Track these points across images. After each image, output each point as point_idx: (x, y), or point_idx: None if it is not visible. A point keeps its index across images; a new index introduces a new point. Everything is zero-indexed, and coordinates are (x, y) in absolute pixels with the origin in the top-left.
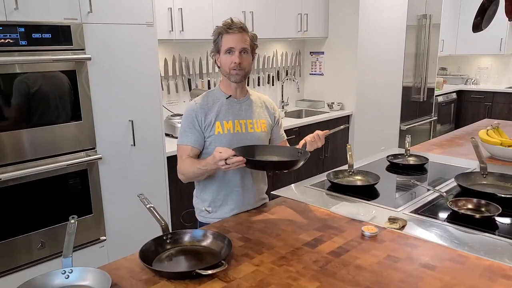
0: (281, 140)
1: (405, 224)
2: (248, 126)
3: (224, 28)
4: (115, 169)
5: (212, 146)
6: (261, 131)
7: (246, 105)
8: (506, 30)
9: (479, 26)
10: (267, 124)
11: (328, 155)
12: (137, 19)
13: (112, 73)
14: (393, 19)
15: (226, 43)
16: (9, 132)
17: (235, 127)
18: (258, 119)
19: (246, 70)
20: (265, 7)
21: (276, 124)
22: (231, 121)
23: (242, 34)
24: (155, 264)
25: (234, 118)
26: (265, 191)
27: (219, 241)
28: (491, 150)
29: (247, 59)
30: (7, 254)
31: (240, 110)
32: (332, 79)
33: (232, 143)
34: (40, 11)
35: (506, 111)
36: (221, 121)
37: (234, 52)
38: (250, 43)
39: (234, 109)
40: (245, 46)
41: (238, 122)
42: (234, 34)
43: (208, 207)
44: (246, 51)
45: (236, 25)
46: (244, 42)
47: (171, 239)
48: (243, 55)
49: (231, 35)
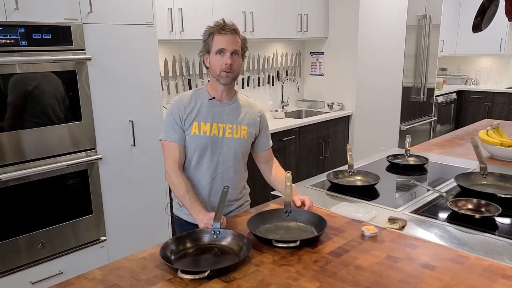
0: (266, 148)
1: (405, 224)
2: (226, 131)
3: (217, 28)
4: (115, 169)
5: (188, 145)
6: (239, 138)
7: (230, 109)
8: (506, 31)
9: (479, 26)
10: (248, 131)
11: (328, 155)
12: (137, 19)
13: (112, 73)
14: (393, 20)
15: (218, 43)
16: (10, 132)
17: (212, 130)
18: (239, 124)
19: (236, 73)
20: (265, 8)
21: (262, 132)
22: (209, 124)
23: (234, 35)
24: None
25: (213, 121)
26: (243, 193)
27: (238, 241)
28: (491, 150)
29: (238, 61)
30: (8, 254)
31: (222, 113)
32: (332, 79)
33: (206, 145)
34: (40, 11)
35: (506, 111)
36: (199, 122)
37: (226, 53)
38: (241, 45)
39: (215, 111)
40: (237, 48)
41: (217, 125)
42: (226, 35)
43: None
44: (237, 53)
45: (228, 26)
46: (236, 44)
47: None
48: (234, 57)
49: (223, 36)
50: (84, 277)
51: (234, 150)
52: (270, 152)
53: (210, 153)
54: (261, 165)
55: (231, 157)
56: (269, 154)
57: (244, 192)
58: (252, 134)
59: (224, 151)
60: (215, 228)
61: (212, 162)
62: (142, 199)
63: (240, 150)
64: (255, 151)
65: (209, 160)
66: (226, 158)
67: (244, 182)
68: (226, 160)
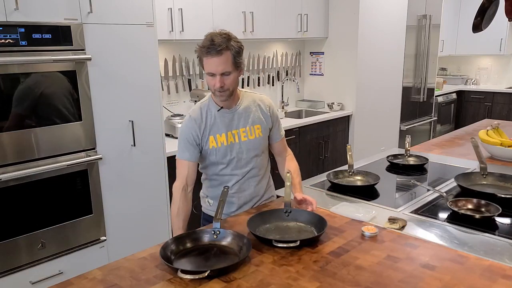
0: (280, 138)
1: (405, 224)
2: (241, 135)
3: (203, 51)
4: (115, 169)
5: (210, 157)
6: (255, 138)
7: (239, 113)
8: (506, 31)
9: (479, 26)
10: (262, 128)
11: (328, 155)
12: (137, 19)
13: (112, 74)
14: (393, 20)
15: (207, 67)
16: (10, 133)
17: (229, 139)
18: (251, 125)
19: (231, 90)
20: (265, 8)
21: (274, 124)
22: (224, 134)
23: (221, 56)
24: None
25: (227, 130)
26: (269, 192)
27: (238, 241)
28: (491, 150)
29: (230, 79)
30: (8, 254)
31: (233, 120)
32: (332, 79)
33: (226, 153)
34: (40, 11)
35: (506, 111)
36: (215, 135)
37: (216, 76)
38: (232, 62)
39: (226, 120)
40: (227, 69)
41: (231, 133)
42: (213, 57)
43: (211, 200)
44: (228, 73)
45: (214, 47)
46: (224, 65)
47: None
48: (225, 77)
49: (210, 59)
50: (84, 277)
51: (254, 151)
52: (283, 143)
53: (232, 159)
54: (276, 157)
55: (252, 158)
56: (282, 145)
57: (270, 183)
58: (266, 130)
59: (244, 154)
60: (215, 228)
61: (236, 166)
62: (142, 199)
63: (260, 148)
64: (269, 143)
65: (234, 165)
66: (248, 160)
67: (269, 173)
68: (249, 162)
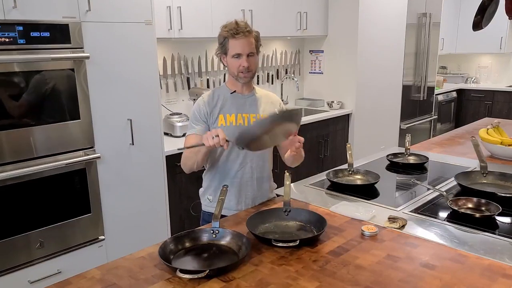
0: None
1: (405, 224)
2: (251, 120)
3: (231, 33)
4: (114, 168)
5: None
6: None
7: (251, 100)
8: (506, 29)
9: (479, 24)
10: None
11: (328, 154)
12: (136, 17)
13: (110, 72)
14: (393, 18)
15: (233, 48)
16: (8, 131)
17: (238, 120)
18: (263, 114)
19: (254, 71)
20: (264, 5)
21: None
22: (234, 114)
23: (248, 38)
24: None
25: (237, 112)
26: (270, 189)
27: (237, 240)
28: (491, 149)
29: (254, 60)
30: (6, 254)
31: (244, 104)
32: (332, 77)
33: (233, 135)
34: (39, 9)
35: (506, 110)
36: (225, 114)
37: (242, 57)
38: (255, 44)
39: (238, 103)
40: (252, 50)
41: (241, 116)
42: (241, 39)
43: (210, 196)
44: (253, 54)
45: (242, 29)
46: (250, 46)
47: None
48: (250, 58)
49: (238, 40)
50: (83, 276)
51: None
52: None
53: None
54: (281, 150)
55: None
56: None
57: (271, 182)
58: None
59: None
60: (214, 227)
61: (241, 152)
62: (141, 198)
63: None
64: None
65: (238, 149)
66: None
67: (270, 171)
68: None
